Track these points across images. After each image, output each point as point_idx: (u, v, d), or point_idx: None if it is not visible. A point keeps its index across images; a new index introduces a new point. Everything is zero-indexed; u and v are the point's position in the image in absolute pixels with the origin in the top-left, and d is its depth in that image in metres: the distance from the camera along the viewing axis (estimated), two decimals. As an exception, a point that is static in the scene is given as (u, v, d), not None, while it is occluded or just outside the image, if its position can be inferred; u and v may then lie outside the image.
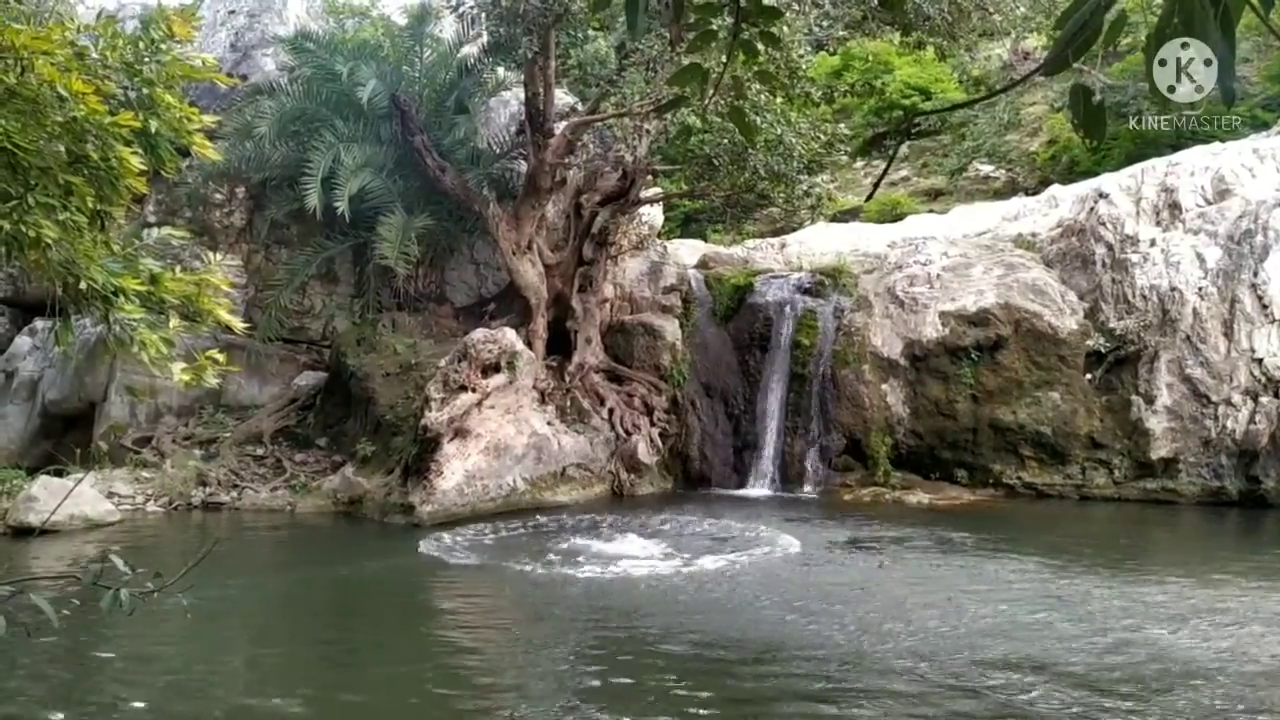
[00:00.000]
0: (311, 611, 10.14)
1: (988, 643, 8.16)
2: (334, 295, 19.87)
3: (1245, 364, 15.74)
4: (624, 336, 19.05)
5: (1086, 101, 2.54)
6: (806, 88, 17.42)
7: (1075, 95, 2.56)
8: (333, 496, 15.67)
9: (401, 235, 17.19)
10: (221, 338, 15.22)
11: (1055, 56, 2.46)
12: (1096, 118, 2.55)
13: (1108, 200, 17.61)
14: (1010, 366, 16.93)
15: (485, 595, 10.76)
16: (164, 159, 5.64)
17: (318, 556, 12.83)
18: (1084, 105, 2.55)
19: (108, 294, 5.28)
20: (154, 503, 15.52)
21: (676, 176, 20.28)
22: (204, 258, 6.00)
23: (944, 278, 18.05)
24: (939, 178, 29.63)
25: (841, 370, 17.82)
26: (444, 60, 19.28)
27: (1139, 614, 9.10)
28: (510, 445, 15.83)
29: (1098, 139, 2.62)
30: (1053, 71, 2.54)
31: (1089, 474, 16.68)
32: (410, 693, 7.19)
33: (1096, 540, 13.35)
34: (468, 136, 19.60)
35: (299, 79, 18.96)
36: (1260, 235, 15.83)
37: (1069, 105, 2.63)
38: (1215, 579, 10.54)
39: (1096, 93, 2.51)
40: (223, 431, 17.68)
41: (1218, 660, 7.72)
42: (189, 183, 18.63)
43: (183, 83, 5.69)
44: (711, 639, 8.40)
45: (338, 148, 17.51)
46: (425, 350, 17.34)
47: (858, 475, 17.65)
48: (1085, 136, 2.62)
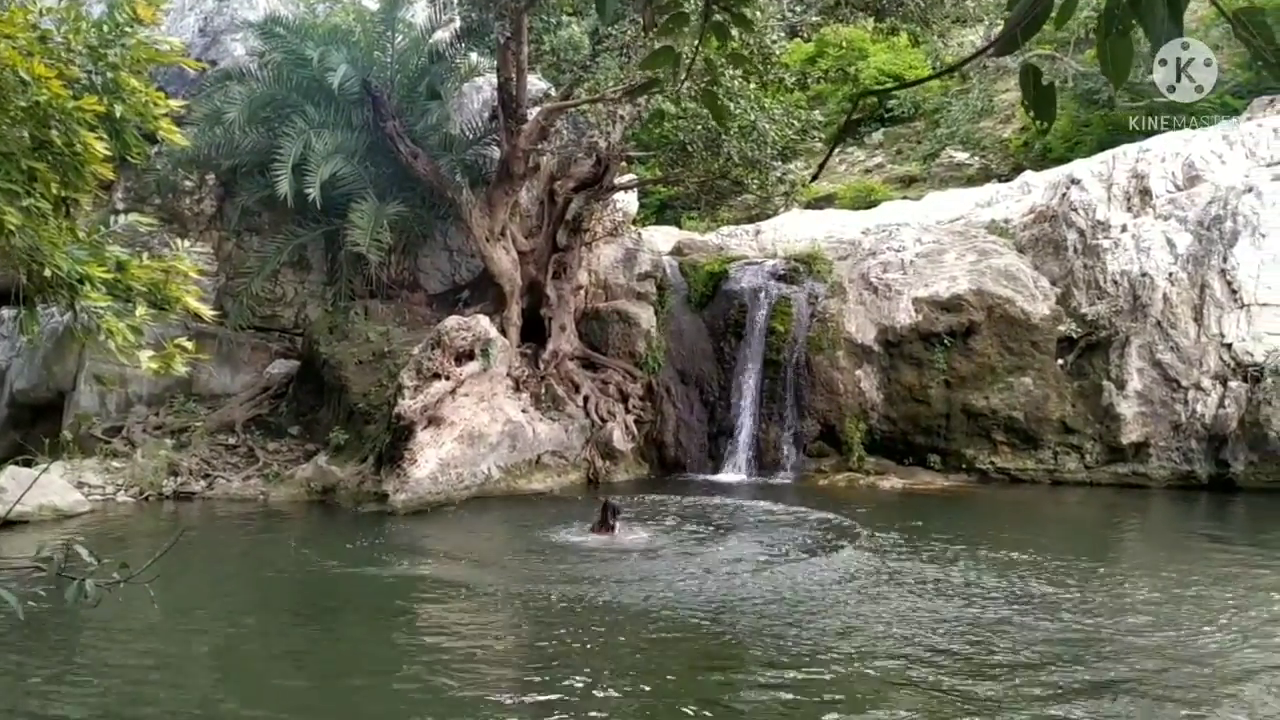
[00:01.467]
0: (280, 606, 10.00)
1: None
2: (306, 283, 19.69)
3: (1215, 349, 15.89)
4: (599, 323, 19.01)
5: (1036, 82, 2.52)
6: (780, 73, 17.42)
7: (1025, 76, 2.54)
8: (306, 485, 15.57)
9: (374, 222, 17.06)
10: (192, 326, 15.04)
11: (1005, 36, 2.44)
12: (1046, 98, 2.53)
13: (1079, 186, 17.72)
14: (983, 352, 17.02)
15: (459, 588, 10.71)
16: (130, 144, 5.54)
17: (289, 546, 12.74)
18: (1034, 86, 2.53)
19: (73, 282, 5.19)
20: (124, 493, 15.36)
21: (651, 163, 20.23)
22: (172, 245, 5.91)
23: (917, 264, 18.12)
24: (913, 164, 29.70)
25: (816, 356, 17.87)
26: (416, 46, 19.10)
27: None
28: (484, 433, 15.77)
29: (1047, 120, 2.59)
30: (1003, 52, 2.50)
31: (1061, 459, 16.81)
32: (377, 702, 6.98)
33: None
34: (440, 122, 19.45)
35: (269, 64, 18.73)
36: (1230, 221, 15.97)
37: (1020, 86, 2.60)
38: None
39: (1046, 73, 2.49)
40: (194, 421, 17.51)
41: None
42: (158, 169, 18.38)
43: (149, 67, 5.60)
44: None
45: (309, 134, 17.33)
46: (398, 338, 17.23)
47: (832, 461, 17.73)
48: (1035, 118, 2.59)
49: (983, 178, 26.10)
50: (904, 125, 31.44)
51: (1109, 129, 22.92)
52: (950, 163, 28.51)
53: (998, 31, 2.54)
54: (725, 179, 18.61)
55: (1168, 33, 2.08)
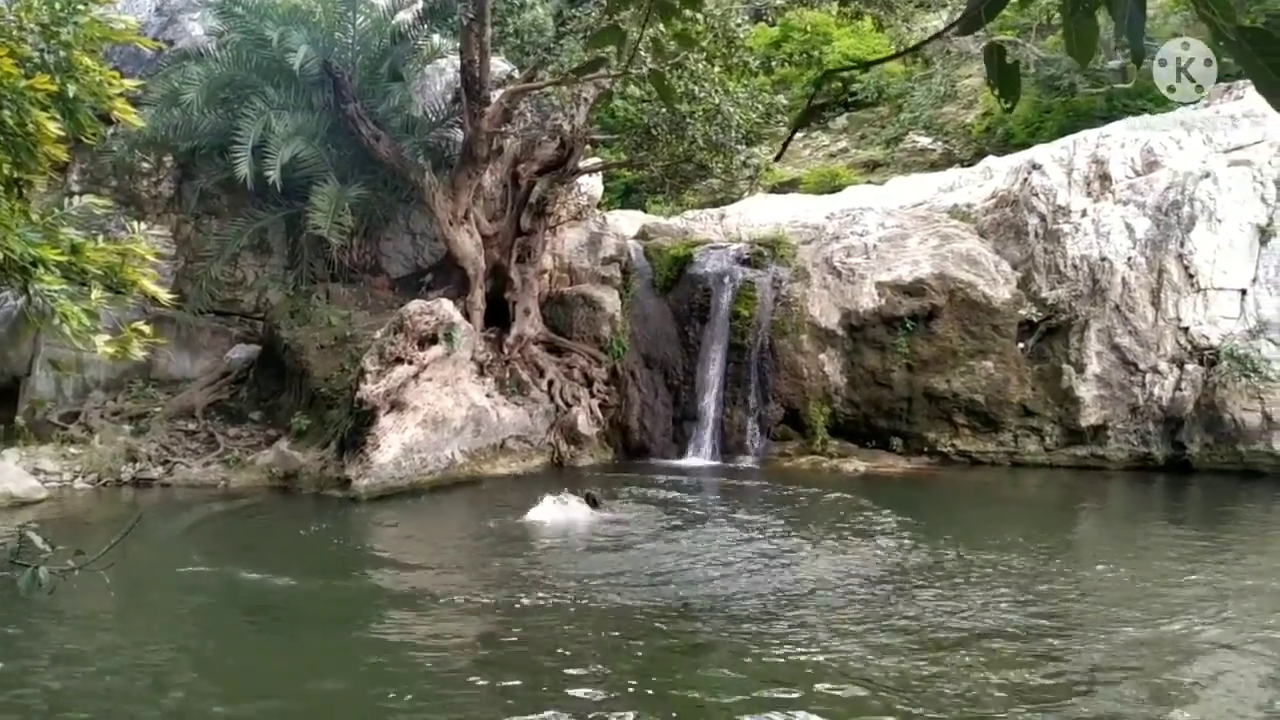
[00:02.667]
0: (237, 592, 9.81)
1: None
2: (267, 267, 19.47)
3: (1172, 332, 16.11)
4: (563, 308, 18.96)
5: (1001, 61, 2.50)
6: (745, 57, 17.38)
7: (990, 55, 2.52)
8: (268, 471, 15.43)
9: (335, 205, 16.88)
10: (150, 310, 14.86)
11: (968, 15, 2.42)
12: (1011, 77, 2.51)
13: (1040, 171, 17.86)
14: (945, 336, 17.14)
15: (422, 570, 10.67)
16: (83, 124, 5.44)
17: (250, 532, 12.65)
18: (999, 65, 2.51)
19: (26, 265, 5.09)
20: (82, 479, 15.16)
21: (615, 146, 20.14)
22: (129, 227, 5.82)
23: (880, 248, 18.20)
24: (876, 149, 29.83)
25: (780, 340, 17.93)
26: (378, 26, 18.87)
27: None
28: (448, 418, 15.69)
29: (1013, 99, 2.56)
30: (965, 31, 2.48)
31: (1021, 441, 16.99)
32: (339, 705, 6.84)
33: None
34: (402, 104, 19.25)
35: (228, 44, 18.43)
36: (1187, 206, 16.16)
37: (985, 65, 2.58)
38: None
39: (1010, 52, 2.48)
40: (153, 406, 17.29)
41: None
42: (114, 151, 18.07)
43: (103, 46, 5.50)
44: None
45: (268, 115, 17.09)
46: (361, 322, 17.09)
47: (796, 444, 17.81)
48: (1000, 96, 2.56)
49: (945, 163, 26.27)
50: (868, 110, 31.54)
51: (1070, 115, 23.11)
52: (913, 148, 28.65)
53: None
54: (690, 163, 18.58)
55: (1132, 13, 2.08)
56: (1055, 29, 22.88)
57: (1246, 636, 7.67)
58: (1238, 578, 9.52)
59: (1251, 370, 15.36)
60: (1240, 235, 15.96)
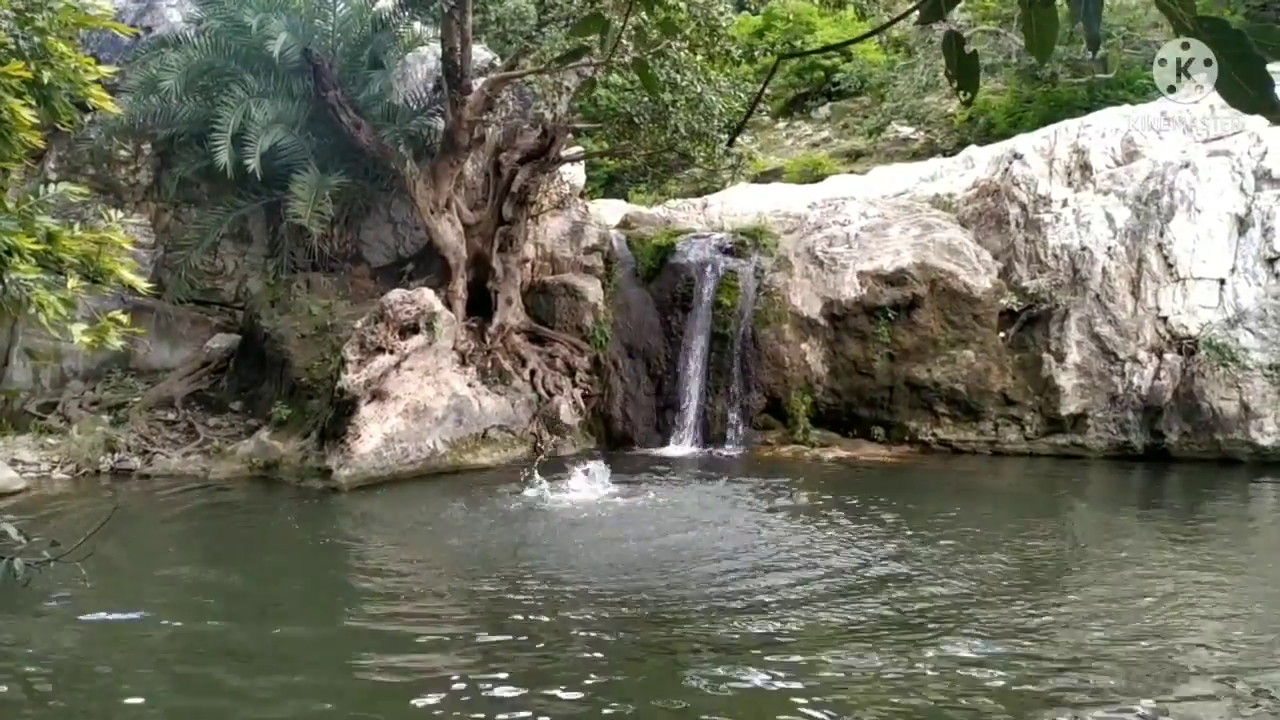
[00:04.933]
0: (216, 582, 9.77)
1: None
2: (247, 255, 19.35)
3: (1151, 322, 16.21)
4: (545, 297, 18.91)
5: (959, 50, 2.46)
6: (727, 46, 17.32)
7: (948, 44, 2.48)
8: (248, 461, 15.35)
9: (315, 194, 16.76)
10: (129, 299, 14.78)
11: (929, 3, 2.38)
12: (969, 67, 2.48)
13: (1021, 161, 17.93)
14: (926, 325, 17.19)
15: (405, 561, 10.66)
16: (59, 112, 5.40)
17: (228, 523, 12.59)
18: (957, 54, 2.47)
19: (1, 253, 5.05)
20: (60, 470, 15.04)
21: (598, 135, 20.08)
22: (106, 216, 5.76)
23: (862, 238, 18.23)
24: (859, 139, 29.85)
25: (762, 330, 17.95)
26: (359, 14, 18.73)
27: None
28: (430, 408, 15.64)
29: (971, 90, 2.51)
30: (926, 20, 2.44)
31: (1001, 430, 17.08)
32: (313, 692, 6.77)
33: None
34: (383, 92, 19.13)
35: (207, 31, 18.26)
36: (1167, 196, 16.25)
37: (943, 54, 2.52)
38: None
39: (988, 49, 2.46)
40: (132, 396, 17.17)
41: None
42: (91, 138, 17.92)
43: (78, 32, 5.45)
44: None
45: (248, 103, 16.96)
46: (341, 311, 17.00)
47: (778, 433, 17.84)
48: (959, 88, 2.51)
49: (927, 152, 26.32)
50: (850, 100, 31.56)
51: (1051, 105, 23.19)
52: (896, 137, 28.70)
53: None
54: (672, 152, 18.55)
55: (1089, 4, 2.07)
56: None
57: (1222, 624, 7.75)
58: (1210, 566, 9.60)
59: (1229, 359, 15.48)
60: (1219, 225, 16.05)
